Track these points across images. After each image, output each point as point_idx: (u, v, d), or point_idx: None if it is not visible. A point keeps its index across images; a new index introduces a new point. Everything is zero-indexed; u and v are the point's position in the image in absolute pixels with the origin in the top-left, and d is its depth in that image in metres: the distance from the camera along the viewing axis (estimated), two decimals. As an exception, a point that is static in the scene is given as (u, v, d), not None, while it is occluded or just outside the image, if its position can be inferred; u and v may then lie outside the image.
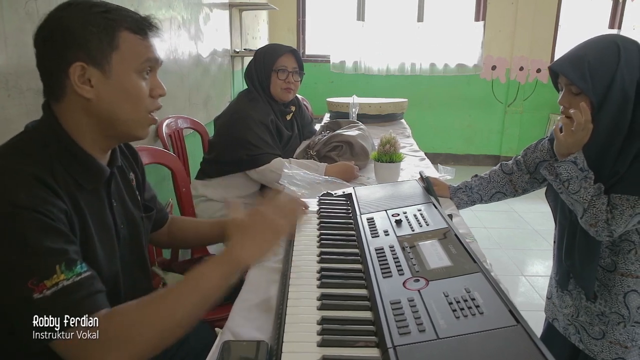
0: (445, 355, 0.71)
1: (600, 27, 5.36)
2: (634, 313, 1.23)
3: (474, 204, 1.62)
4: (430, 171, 1.96)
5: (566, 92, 1.19)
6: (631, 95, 1.12)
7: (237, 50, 3.80)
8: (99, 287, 0.79)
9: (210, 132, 2.28)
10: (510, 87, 5.38)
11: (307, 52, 5.42)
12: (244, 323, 0.92)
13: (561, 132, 1.18)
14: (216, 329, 0.93)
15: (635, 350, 1.24)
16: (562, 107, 1.21)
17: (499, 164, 1.59)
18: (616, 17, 5.35)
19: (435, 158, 5.42)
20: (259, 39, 4.83)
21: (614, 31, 5.32)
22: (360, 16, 5.25)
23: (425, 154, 2.33)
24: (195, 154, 2.53)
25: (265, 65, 1.95)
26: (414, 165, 2.07)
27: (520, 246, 3.45)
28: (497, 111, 5.46)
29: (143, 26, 0.90)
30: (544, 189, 1.49)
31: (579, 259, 1.27)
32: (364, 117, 2.85)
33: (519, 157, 1.54)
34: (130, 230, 1.03)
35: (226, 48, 3.56)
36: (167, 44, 2.34)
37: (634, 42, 1.14)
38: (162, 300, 0.81)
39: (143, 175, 1.14)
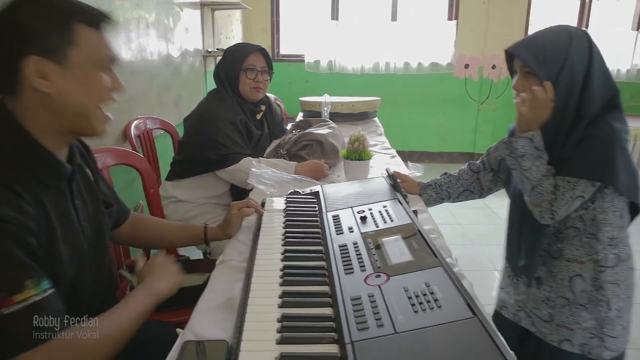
0: (402, 349, 0.71)
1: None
2: (579, 296, 1.27)
3: (443, 202, 1.64)
4: (401, 168, 1.97)
5: (521, 75, 1.24)
6: (579, 82, 1.17)
7: (210, 50, 3.77)
8: (61, 306, 0.80)
9: (182, 132, 2.26)
10: (483, 85, 5.45)
11: (282, 52, 5.41)
12: (207, 323, 0.91)
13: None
14: (177, 329, 0.92)
15: (579, 332, 1.28)
16: (515, 91, 1.25)
17: (467, 163, 1.62)
18: (584, 16, 5.48)
19: (411, 156, 5.46)
20: (233, 38, 4.80)
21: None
22: (335, 15, 5.26)
23: (401, 152, 2.35)
24: (167, 155, 2.50)
25: (234, 65, 1.94)
26: (385, 162, 2.08)
27: (494, 242, 3.49)
28: (470, 109, 5.53)
29: (97, 19, 0.89)
30: None
31: (525, 245, 1.32)
32: (336, 116, 2.86)
33: (484, 156, 1.57)
34: (94, 227, 1.02)
35: (198, 48, 3.53)
36: (135, 44, 2.31)
37: (585, 32, 1.21)
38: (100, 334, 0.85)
39: (97, 171, 1.12)
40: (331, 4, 5.25)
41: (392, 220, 1.13)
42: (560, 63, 1.16)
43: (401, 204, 1.23)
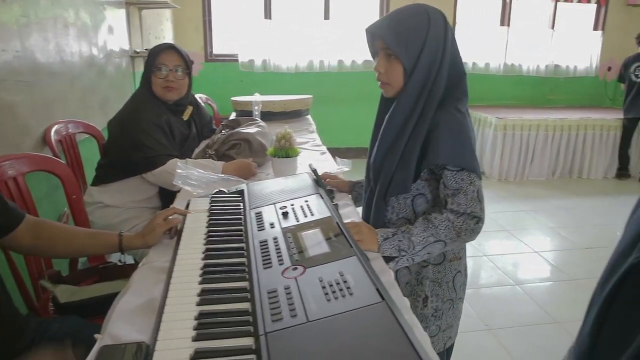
0: (313, 336, 0.74)
1: (493, 25, 5.77)
2: (459, 291, 1.33)
3: None
4: (330, 164, 2.01)
5: (382, 56, 1.22)
6: (437, 63, 1.17)
7: (138, 50, 3.67)
8: None
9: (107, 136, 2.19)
10: (414, 81, 5.62)
11: (215, 52, 5.33)
12: (125, 326, 0.90)
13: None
14: (95, 335, 0.90)
15: (456, 324, 1.36)
16: (377, 72, 1.24)
17: None
18: (505, 14, 5.78)
19: (348, 152, 5.55)
20: (163, 38, 4.68)
21: (505, 28, 5.74)
22: (267, 14, 5.25)
23: (337, 148, 2.39)
24: (93, 160, 2.41)
25: (147, 65, 1.90)
26: (315, 159, 2.12)
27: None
28: (403, 105, 5.69)
29: None
30: None
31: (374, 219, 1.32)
32: (269, 115, 2.87)
33: None
34: None
35: (124, 48, 3.42)
36: (52, 44, 2.21)
37: (441, 13, 1.20)
38: None
39: None
40: (264, 3, 5.23)
41: (312, 215, 1.16)
42: (420, 45, 1.15)
43: (322, 198, 1.26)
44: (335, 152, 2.24)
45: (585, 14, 6.07)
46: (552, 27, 5.92)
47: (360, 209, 1.48)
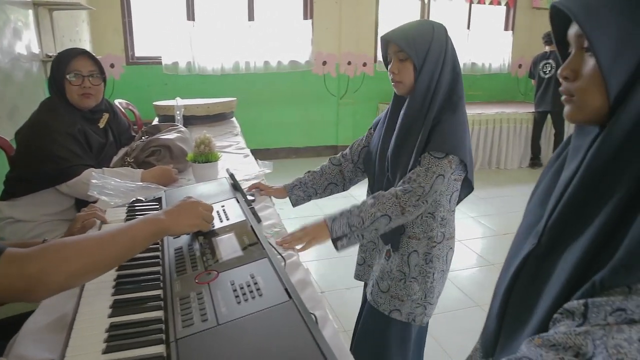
0: (223, 338, 0.77)
1: (412, 24, 5.99)
2: (412, 270, 1.45)
3: (310, 199, 1.72)
4: (253, 167, 2.03)
5: (395, 60, 1.41)
6: (440, 63, 1.39)
7: (50, 54, 3.48)
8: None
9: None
10: (340, 80, 5.76)
11: (137, 54, 5.17)
12: (35, 345, 0.88)
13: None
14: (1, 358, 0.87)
15: (409, 303, 1.47)
16: (391, 74, 1.42)
17: (328, 158, 1.73)
18: (424, 15, 6.04)
19: (278, 153, 5.59)
20: (80, 41, 4.47)
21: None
22: (190, 16, 5.16)
23: (266, 149, 2.41)
24: (2, 173, 2.28)
25: (58, 71, 1.82)
26: (238, 162, 2.13)
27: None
28: (331, 104, 5.81)
29: None
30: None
31: None
32: (192, 119, 2.84)
33: (346, 150, 1.71)
34: None
35: (34, 52, 3.24)
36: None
37: (442, 25, 1.43)
38: (99, 236, 0.91)
39: None
40: (186, 4, 5.13)
41: (228, 219, 1.18)
42: (426, 47, 1.37)
43: (238, 202, 1.28)
44: (265, 153, 2.27)
45: (497, 15, 6.46)
46: (468, 28, 6.25)
47: (281, 210, 1.52)
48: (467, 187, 1.50)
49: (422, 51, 1.36)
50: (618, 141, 0.63)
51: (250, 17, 5.35)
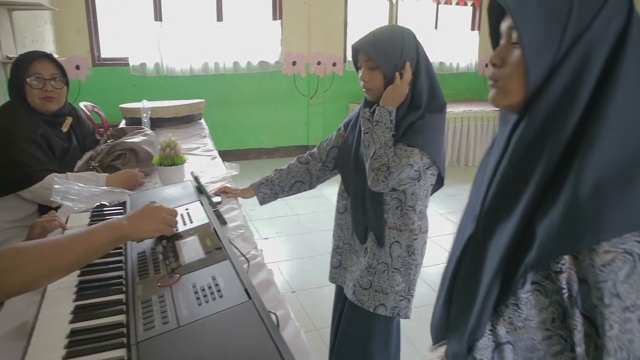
0: (183, 339, 0.78)
1: (380, 25, 6.05)
2: (395, 261, 1.49)
3: (278, 197, 1.74)
4: (219, 169, 2.04)
5: (365, 68, 1.43)
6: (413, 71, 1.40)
7: (11, 56, 3.40)
8: None
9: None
10: (310, 80, 5.78)
11: (103, 55, 5.08)
12: (-6, 354, 0.88)
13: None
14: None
15: (393, 295, 1.50)
16: (362, 82, 1.44)
17: (296, 157, 1.75)
18: (393, 15, 6.12)
19: (249, 153, 5.59)
20: (43, 42, 4.37)
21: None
22: (158, 16, 5.10)
23: (237, 150, 2.41)
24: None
25: (18, 75, 1.79)
26: (205, 164, 2.13)
27: (328, 227, 3.77)
28: (301, 104, 5.83)
29: None
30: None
31: (372, 210, 1.50)
32: (160, 121, 2.82)
33: (314, 149, 1.73)
34: None
35: (-6, 54, 3.17)
36: None
37: (411, 31, 1.44)
38: (56, 242, 0.91)
39: None
40: (153, 4, 5.07)
41: (191, 222, 1.20)
42: (397, 56, 1.37)
43: (202, 205, 1.30)
44: (236, 154, 2.26)
45: (464, 15, 6.59)
46: (436, 28, 6.36)
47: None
48: (438, 182, 1.54)
49: (392, 61, 1.38)
50: (535, 130, 0.70)
51: (219, 18, 5.32)
